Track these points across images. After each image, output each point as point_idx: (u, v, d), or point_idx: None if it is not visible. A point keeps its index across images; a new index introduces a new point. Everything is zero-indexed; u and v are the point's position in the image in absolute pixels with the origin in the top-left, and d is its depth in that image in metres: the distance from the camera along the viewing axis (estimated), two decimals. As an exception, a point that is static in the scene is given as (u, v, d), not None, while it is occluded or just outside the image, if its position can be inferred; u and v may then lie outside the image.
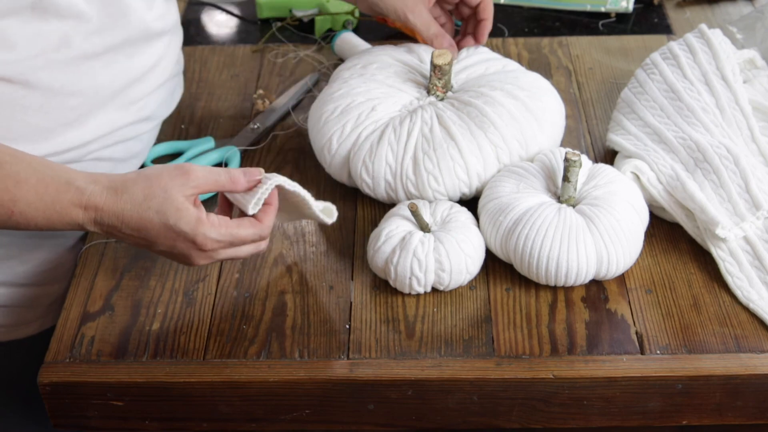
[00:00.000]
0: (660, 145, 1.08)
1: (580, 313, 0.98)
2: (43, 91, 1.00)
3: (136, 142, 1.13)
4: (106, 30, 1.04)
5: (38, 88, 0.99)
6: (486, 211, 1.01)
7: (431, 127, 1.05)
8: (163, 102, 1.16)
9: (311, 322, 0.98)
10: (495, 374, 0.93)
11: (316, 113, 1.11)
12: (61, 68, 1.00)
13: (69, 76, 1.01)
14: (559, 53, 1.35)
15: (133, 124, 1.11)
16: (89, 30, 1.02)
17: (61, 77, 1.01)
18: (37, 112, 1.00)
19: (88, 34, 1.02)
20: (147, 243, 0.93)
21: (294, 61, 1.35)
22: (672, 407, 0.95)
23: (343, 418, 0.96)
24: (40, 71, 0.99)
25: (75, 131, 1.04)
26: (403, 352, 0.95)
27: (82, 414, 0.96)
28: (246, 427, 0.97)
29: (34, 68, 0.99)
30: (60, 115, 1.02)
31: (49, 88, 1.00)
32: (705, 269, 1.02)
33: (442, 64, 1.07)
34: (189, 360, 0.95)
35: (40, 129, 1.01)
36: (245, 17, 1.46)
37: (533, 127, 1.06)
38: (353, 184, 1.10)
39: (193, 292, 1.01)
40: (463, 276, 0.99)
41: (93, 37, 1.03)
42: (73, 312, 1.00)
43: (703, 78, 1.12)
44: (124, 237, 0.93)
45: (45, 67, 0.99)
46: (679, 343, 0.95)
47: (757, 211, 1.01)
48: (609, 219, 0.97)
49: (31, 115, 1.00)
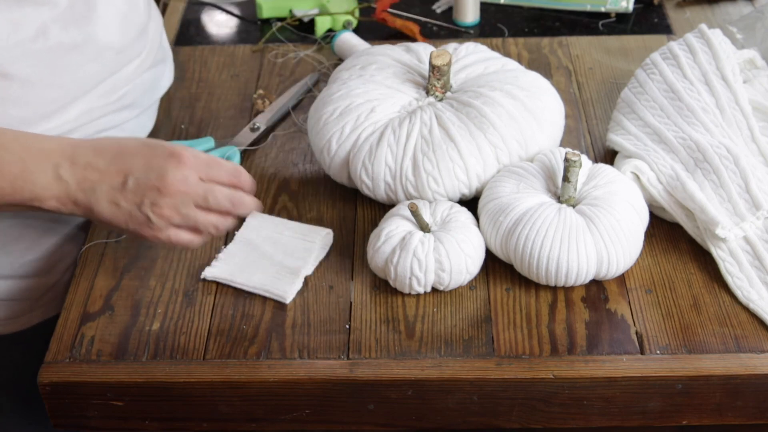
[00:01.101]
0: (660, 145, 1.08)
1: (580, 313, 0.98)
2: (22, 83, 0.99)
3: (119, 130, 1.13)
4: (82, 19, 1.03)
5: (17, 79, 0.99)
6: (486, 211, 1.01)
7: (430, 128, 1.05)
8: (146, 90, 1.16)
9: (311, 322, 0.98)
10: (495, 374, 0.93)
11: (315, 115, 1.11)
12: (39, 58, 1.00)
13: (48, 67, 1.01)
14: (559, 53, 1.35)
15: (115, 113, 1.10)
16: (66, 19, 1.01)
17: (39, 68, 1.00)
18: (16, 103, 1.00)
19: (65, 24, 1.01)
20: (121, 172, 0.91)
21: (294, 61, 1.35)
22: (672, 407, 0.95)
23: (343, 418, 0.96)
24: (18, 62, 0.98)
25: (55, 121, 1.04)
26: (403, 352, 0.95)
27: (82, 414, 0.96)
28: (246, 427, 0.97)
29: (12, 59, 0.98)
30: (40, 107, 1.02)
31: (27, 79, 0.99)
32: (705, 269, 1.02)
33: (440, 64, 1.07)
34: (189, 360, 0.95)
35: (20, 120, 1.00)
36: (245, 17, 1.46)
37: (533, 127, 1.06)
38: (353, 185, 1.10)
39: (193, 292, 1.01)
40: (463, 276, 0.99)
41: (70, 27, 1.02)
42: (73, 312, 1.00)
43: (703, 78, 1.12)
44: (98, 179, 0.91)
45: (23, 58, 0.98)
46: (679, 343, 0.95)
47: (757, 211, 1.01)
48: (609, 219, 0.97)
49: (10, 106, 0.99)
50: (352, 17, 1.39)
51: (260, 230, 1.06)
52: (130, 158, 0.92)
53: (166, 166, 0.92)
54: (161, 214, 0.93)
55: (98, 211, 0.93)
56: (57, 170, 0.92)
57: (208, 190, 0.94)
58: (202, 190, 0.94)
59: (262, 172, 1.16)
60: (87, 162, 0.92)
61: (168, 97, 1.28)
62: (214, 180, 0.95)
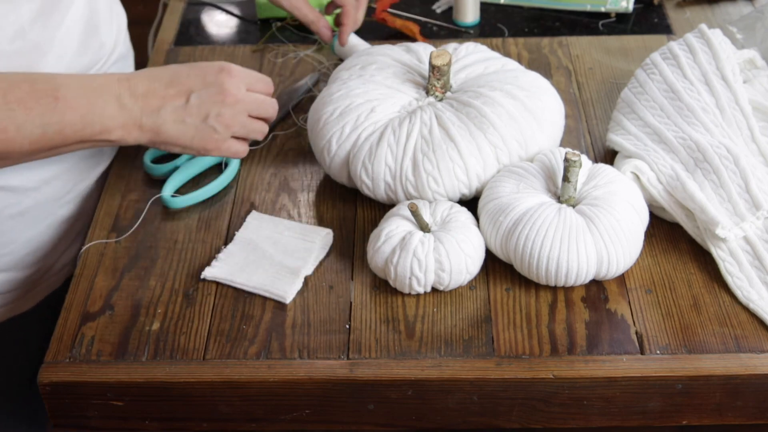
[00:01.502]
0: (660, 145, 1.08)
1: (580, 313, 0.98)
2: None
3: None
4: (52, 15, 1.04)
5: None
6: (486, 211, 1.01)
7: (430, 128, 1.05)
8: None
9: (311, 322, 0.98)
10: (495, 374, 0.93)
11: (315, 115, 1.11)
12: (16, 60, 1.00)
13: (24, 69, 1.02)
14: (559, 53, 1.35)
15: None
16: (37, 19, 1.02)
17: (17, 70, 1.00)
18: None
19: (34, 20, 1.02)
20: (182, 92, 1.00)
21: (294, 61, 1.35)
22: (672, 407, 0.95)
23: (343, 418, 0.96)
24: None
25: None
26: (403, 352, 0.95)
27: (82, 414, 0.96)
28: (246, 427, 0.97)
29: None
30: None
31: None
32: (705, 269, 1.02)
33: (440, 64, 1.07)
34: (189, 360, 0.95)
35: None
36: (245, 17, 1.46)
37: (533, 127, 1.06)
38: (353, 185, 1.10)
39: (193, 292, 1.01)
40: (463, 276, 0.99)
41: (42, 30, 1.03)
42: (73, 312, 1.00)
43: (703, 78, 1.12)
44: (161, 103, 0.99)
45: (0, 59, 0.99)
46: (679, 343, 0.95)
47: (757, 211, 1.01)
48: (609, 219, 0.97)
49: None
50: (352, 17, 1.39)
51: (260, 230, 1.06)
52: (185, 78, 1.00)
53: (222, 80, 1.01)
54: (225, 123, 1.02)
55: (165, 131, 1.00)
56: (120, 100, 0.98)
57: (257, 100, 1.04)
58: (252, 99, 1.04)
59: (262, 172, 1.16)
60: (146, 89, 0.99)
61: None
62: (255, 90, 1.05)
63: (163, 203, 1.11)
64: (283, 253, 1.03)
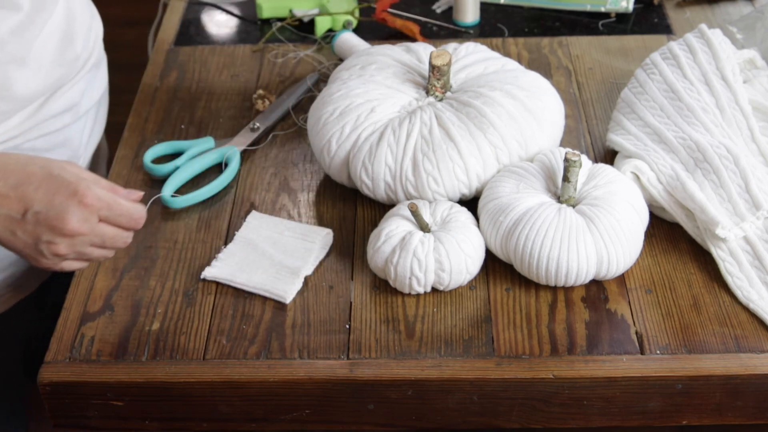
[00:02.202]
0: (660, 145, 1.08)
1: (580, 313, 0.98)
2: None
3: (59, 134, 1.14)
4: (30, 27, 1.03)
5: None
6: (486, 211, 1.01)
7: (430, 128, 1.05)
8: (85, 91, 1.17)
9: (311, 321, 0.98)
10: (495, 374, 0.93)
11: (315, 115, 1.11)
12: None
13: (1, 81, 1.02)
14: (559, 53, 1.35)
15: (55, 117, 1.11)
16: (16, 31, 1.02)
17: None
18: None
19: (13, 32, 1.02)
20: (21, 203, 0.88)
21: (294, 61, 1.35)
22: (672, 407, 0.95)
23: (343, 418, 0.96)
24: None
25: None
26: (403, 352, 0.95)
27: (82, 414, 0.96)
28: (246, 427, 0.97)
29: None
30: None
31: None
32: (705, 269, 1.02)
33: (440, 64, 1.07)
34: (189, 360, 0.95)
35: None
36: (245, 17, 1.46)
37: (532, 127, 1.06)
38: (353, 185, 1.10)
39: (193, 292, 1.01)
40: (463, 276, 0.99)
41: (19, 42, 1.03)
42: (73, 312, 1.00)
43: (703, 78, 1.12)
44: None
45: None
46: (679, 343, 0.95)
47: (757, 211, 1.01)
48: (609, 219, 0.97)
49: None
50: (352, 17, 1.39)
51: (260, 230, 1.06)
52: (33, 189, 0.89)
53: (67, 206, 0.88)
54: (56, 252, 0.90)
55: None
56: None
57: (104, 235, 0.92)
58: (99, 233, 0.91)
59: (262, 172, 1.16)
60: None
61: (168, 97, 1.28)
62: (113, 224, 0.92)
63: (163, 203, 1.11)
64: (283, 253, 1.03)
